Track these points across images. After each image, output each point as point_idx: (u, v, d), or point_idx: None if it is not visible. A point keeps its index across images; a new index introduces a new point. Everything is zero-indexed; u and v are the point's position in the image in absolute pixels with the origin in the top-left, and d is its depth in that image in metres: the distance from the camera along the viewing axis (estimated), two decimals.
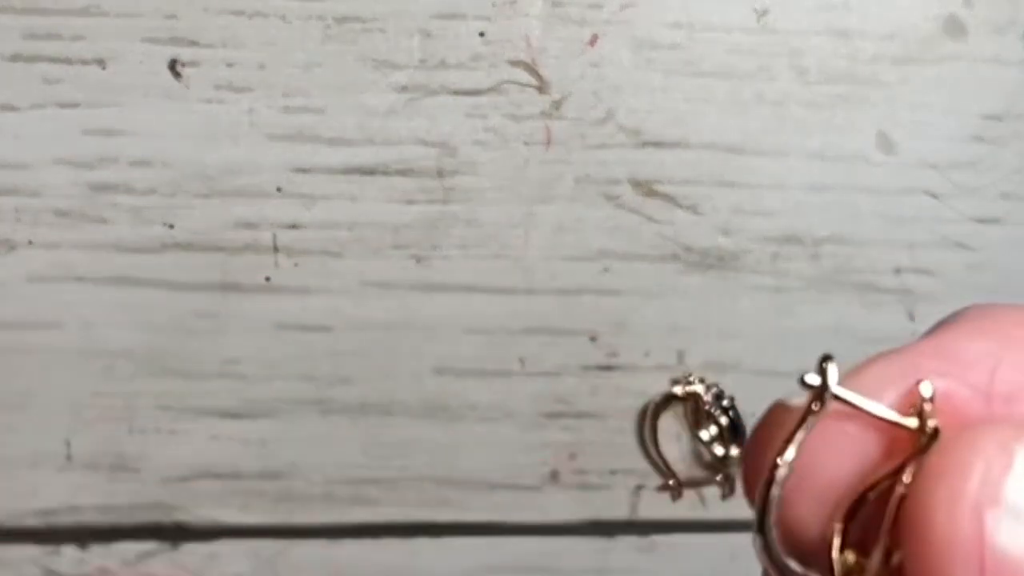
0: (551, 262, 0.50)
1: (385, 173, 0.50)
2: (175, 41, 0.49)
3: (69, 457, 0.50)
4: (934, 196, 0.51)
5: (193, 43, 0.49)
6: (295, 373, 0.50)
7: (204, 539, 0.50)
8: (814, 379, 0.20)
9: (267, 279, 0.50)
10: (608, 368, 0.51)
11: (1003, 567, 0.19)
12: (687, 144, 0.50)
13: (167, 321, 0.50)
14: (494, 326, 0.50)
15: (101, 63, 0.49)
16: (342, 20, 0.49)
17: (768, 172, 0.51)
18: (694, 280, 0.51)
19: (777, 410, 0.21)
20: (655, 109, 0.50)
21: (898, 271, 0.51)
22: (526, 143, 0.50)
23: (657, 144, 0.50)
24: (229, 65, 0.49)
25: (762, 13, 0.50)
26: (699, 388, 0.50)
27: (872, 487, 0.20)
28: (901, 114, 0.51)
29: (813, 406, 0.20)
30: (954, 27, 0.51)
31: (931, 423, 0.20)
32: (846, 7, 0.50)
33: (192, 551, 0.49)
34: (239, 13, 0.49)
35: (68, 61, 0.48)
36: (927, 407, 0.20)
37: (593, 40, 0.50)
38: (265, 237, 0.50)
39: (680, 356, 0.50)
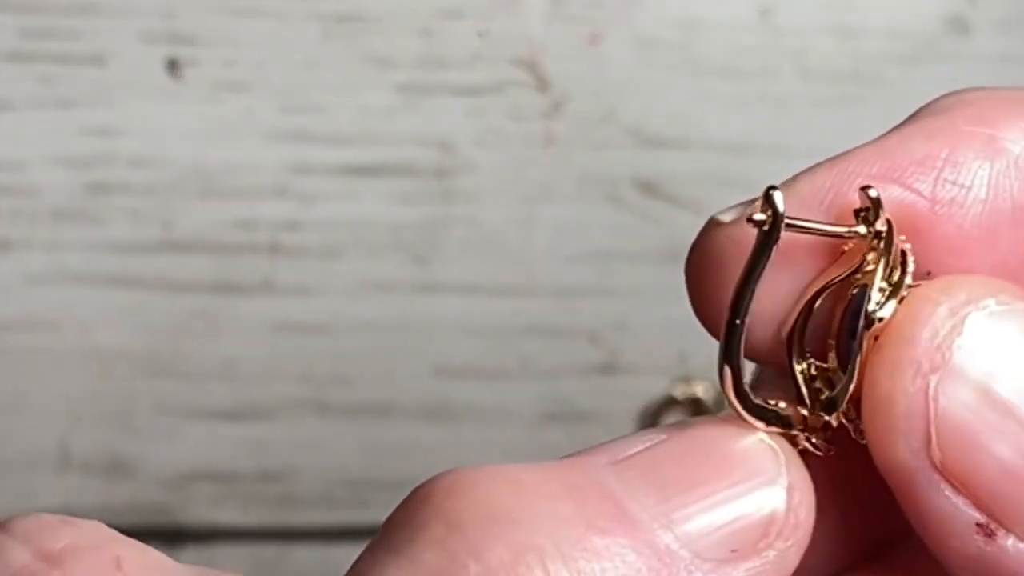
0: (551, 262, 0.50)
1: (385, 173, 0.50)
2: (173, 40, 0.49)
3: (66, 458, 0.50)
4: None
5: (192, 42, 0.49)
6: (294, 374, 0.50)
7: (202, 541, 0.50)
8: (762, 215, 0.20)
9: (266, 280, 0.50)
10: (608, 369, 0.51)
11: (949, 431, 0.19)
12: (689, 144, 0.50)
13: (165, 322, 0.49)
14: (494, 326, 0.50)
15: (99, 62, 0.48)
16: (342, 20, 0.49)
17: (771, 172, 0.50)
18: None
19: (717, 233, 0.21)
20: (656, 108, 0.50)
21: None
22: (526, 143, 0.50)
23: (658, 144, 0.50)
24: (228, 64, 0.49)
25: (765, 12, 0.50)
26: (700, 390, 0.50)
27: (824, 291, 0.20)
28: (905, 113, 0.51)
29: (767, 238, 0.20)
30: (959, 26, 0.51)
31: (880, 224, 0.20)
32: (850, 5, 0.50)
33: (190, 553, 0.49)
34: (238, 12, 0.49)
35: (65, 60, 0.48)
36: (874, 212, 0.20)
37: (594, 39, 0.50)
38: (264, 237, 0.49)
39: (681, 357, 0.50)
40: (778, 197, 0.20)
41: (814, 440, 0.20)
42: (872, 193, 0.20)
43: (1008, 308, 0.19)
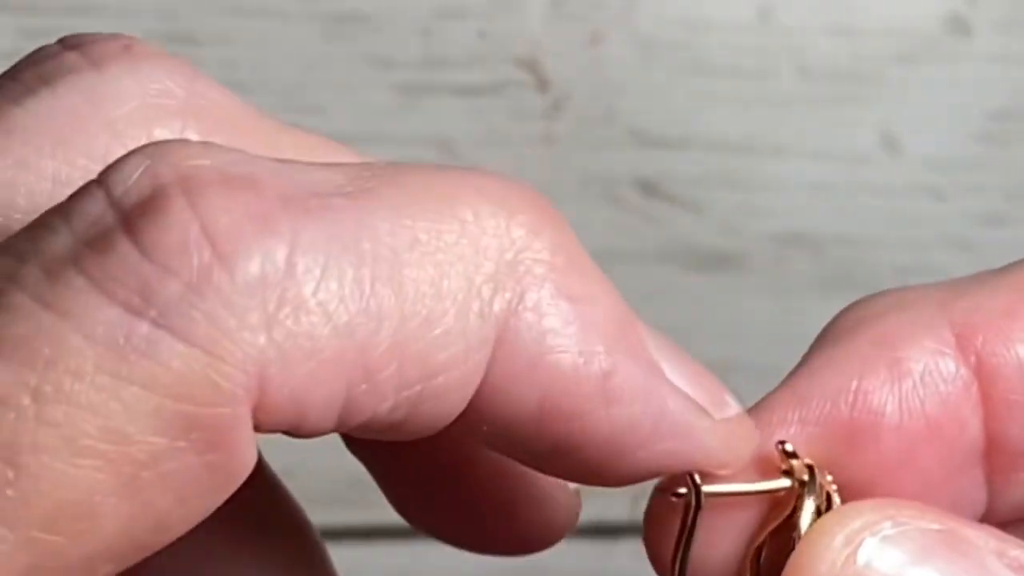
0: None
1: None
2: (173, 40, 0.49)
3: None
4: (938, 196, 0.51)
5: (191, 42, 0.49)
6: None
7: None
8: (684, 490, 0.21)
9: None
10: None
11: None
12: (690, 143, 0.50)
13: None
14: None
15: None
16: (342, 20, 0.49)
17: (771, 172, 0.50)
18: (697, 280, 0.50)
19: (659, 503, 0.22)
20: (657, 108, 0.50)
21: (902, 271, 0.51)
22: (526, 143, 0.50)
23: (659, 143, 0.50)
24: (228, 64, 0.49)
25: (766, 11, 0.50)
26: None
27: (762, 545, 0.21)
28: (905, 113, 0.51)
29: (691, 510, 0.21)
30: (959, 26, 0.51)
31: (802, 473, 0.21)
32: (850, 5, 0.50)
33: None
34: (238, 12, 0.49)
35: None
36: (794, 463, 0.21)
37: (594, 39, 0.50)
38: None
39: None
40: (697, 477, 0.21)
41: None
42: (788, 447, 0.21)
43: (902, 530, 0.20)
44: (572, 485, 0.25)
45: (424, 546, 0.49)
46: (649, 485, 0.22)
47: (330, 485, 0.51)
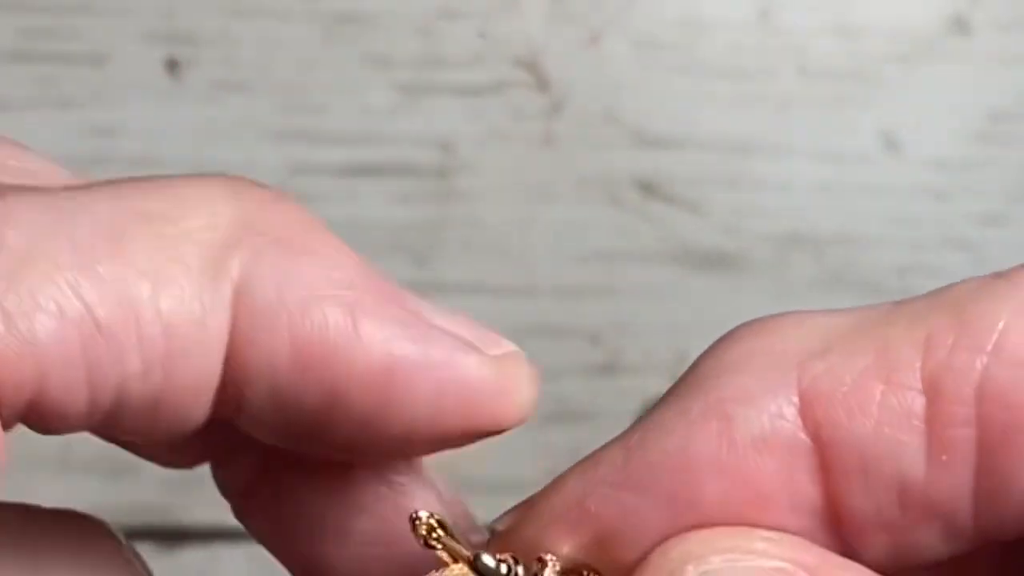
0: (551, 262, 0.50)
1: (385, 173, 0.50)
2: (173, 40, 0.49)
3: (66, 458, 0.49)
4: (939, 196, 0.51)
5: (192, 42, 0.49)
6: None
7: (203, 541, 0.50)
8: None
9: None
10: (608, 369, 0.51)
11: None
12: (689, 144, 0.50)
13: None
14: (494, 326, 0.50)
15: (99, 62, 0.48)
16: (342, 20, 0.49)
17: (771, 172, 0.50)
18: (696, 281, 0.50)
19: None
20: (657, 108, 0.50)
21: (902, 272, 0.51)
22: (526, 143, 0.50)
23: (659, 144, 0.50)
24: (228, 64, 0.49)
25: (765, 12, 0.50)
26: None
27: None
28: (906, 113, 0.51)
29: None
30: (959, 25, 0.51)
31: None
32: (850, 5, 0.50)
33: (191, 553, 0.49)
34: (238, 12, 0.49)
35: (65, 60, 0.48)
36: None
37: (594, 39, 0.50)
38: None
39: (682, 357, 0.50)
40: (487, 559, 0.21)
41: None
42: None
43: (730, 565, 0.19)
44: None
45: None
46: None
47: None
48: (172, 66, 0.49)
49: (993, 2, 0.51)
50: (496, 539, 0.22)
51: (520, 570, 0.21)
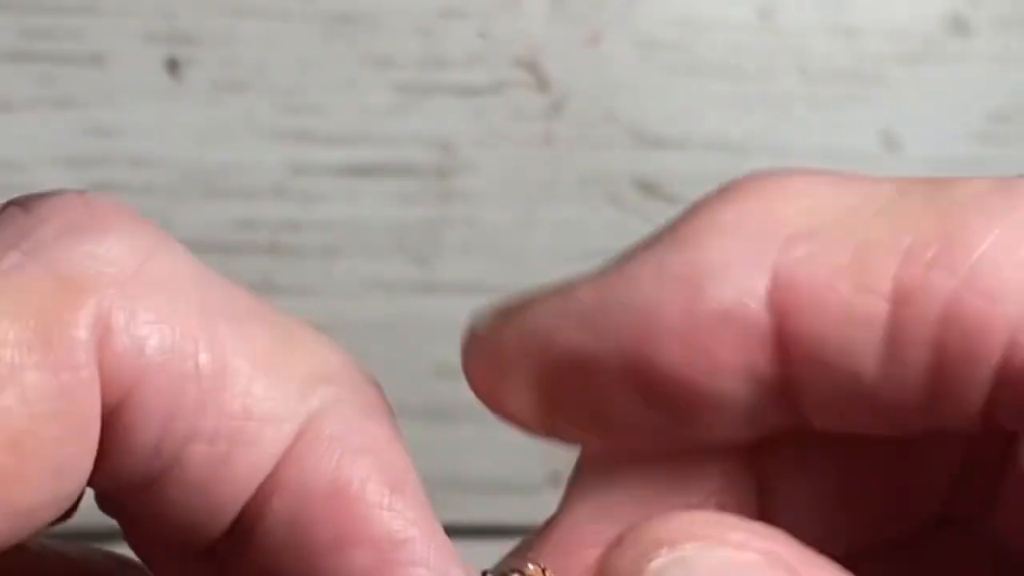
0: (551, 262, 0.50)
1: (385, 173, 0.50)
2: (173, 40, 0.49)
3: None
4: None
5: (192, 42, 0.49)
6: None
7: None
8: None
9: (266, 280, 0.49)
10: None
11: None
12: (689, 144, 0.50)
13: None
14: None
15: (99, 62, 0.48)
16: (342, 20, 0.49)
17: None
18: None
19: (476, 347, 0.23)
20: (657, 108, 0.50)
21: None
22: (526, 143, 0.50)
23: (659, 144, 0.50)
24: (228, 64, 0.49)
25: (765, 12, 0.50)
26: None
27: None
28: (906, 113, 0.51)
29: None
30: (959, 25, 0.51)
31: None
32: (850, 5, 0.50)
33: None
34: (238, 12, 0.49)
35: (65, 60, 0.48)
36: None
37: (594, 39, 0.50)
38: (264, 237, 0.49)
39: None
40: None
41: None
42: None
43: (704, 554, 0.19)
44: None
45: None
46: None
47: None
48: (172, 66, 0.49)
49: (993, 2, 0.51)
50: (471, 341, 0.23)
51: None
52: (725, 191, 0.22)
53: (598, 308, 0.21)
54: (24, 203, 0.20)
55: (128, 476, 0.20)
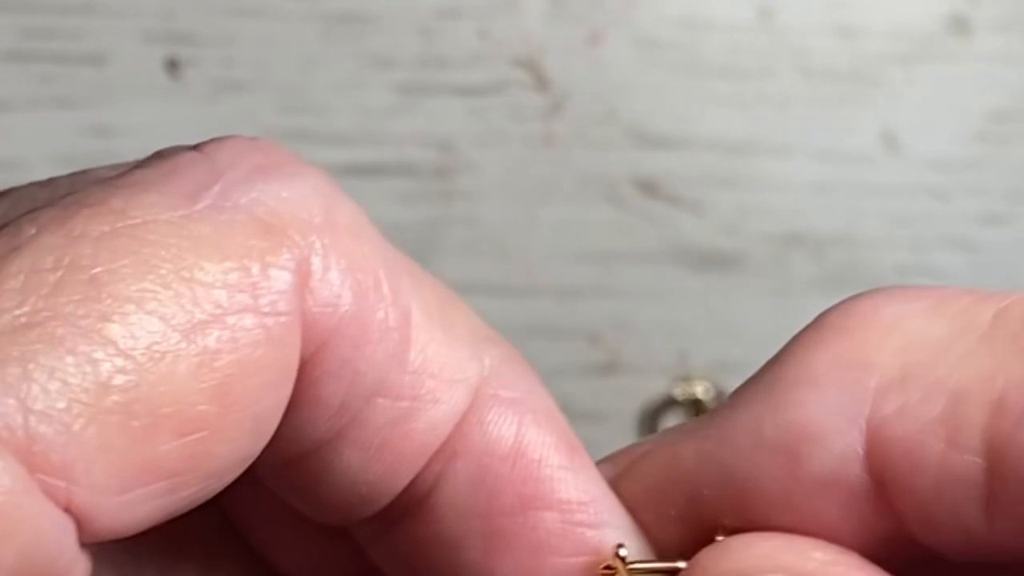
0: (551, 262, 0.50)
1: (385, 173, 0.50)
2: (173, 40, 0.49)
3: None
4: (939, 196, 0.51)
5: (192, 42, 0.49)
6: None
7: None
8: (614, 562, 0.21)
9: None
10: (608, 369, 0.51)
11: None
12: (689, 143, 0.50)
13: None
14: (494, 326, 0.50)
15: (99, 62, 0.48)
16: (342, 20, 0.49)
17: (771, 172, 0.50)
18: (696, 281, 0.50)
19: None
20: (657, 108, 0.50)
21: (902, 271, 0.51)
22: (526, 143, 0.50)
23: (659, 144, 0.50)
24: (228, 64, 0.49)
25: (765, 12, 0.50)
26: (700, 390, 0.50)
27: None
28: (906, 113, 0.51)
29: None
30: (959, 25, 0.51)
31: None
32: (850, 5, 0.50)
33: None
34: (238, 12, 0.49)
35: (65, 60, 0.48)
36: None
37: (594, 39, 0.50)
38: None
39: (682, 357, 0.50)
40: (623, 551, 0.21)
41: None
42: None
43: None
44: None
45: None
46: None
47: None
48: (172, 66, 0.49)
49: (993, 2, 0.51)
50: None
51: None
52: (818, 328, 0.21)
53: (701, 475, 0.21)
54: (199, 147, 0.20)
55: (307, 436, 0.19)
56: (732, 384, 0.23)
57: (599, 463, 0.22)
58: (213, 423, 0.17)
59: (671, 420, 0.51)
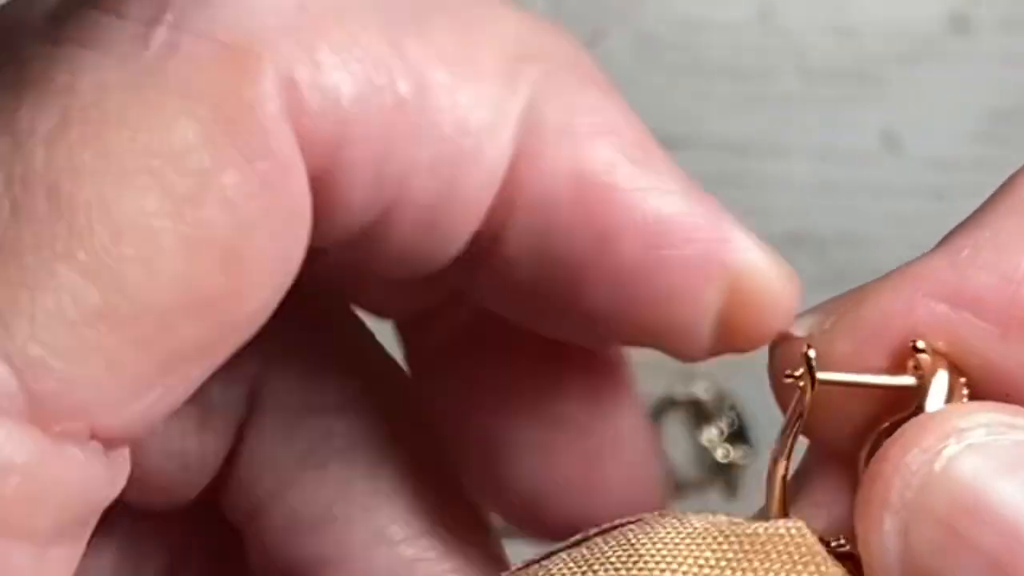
0: None
1: None
2: None
3: None
4: (940, 195, 0.51)
5: None
6: None
7: None
8: (797, 374, 0.20)
9: None
10: None
11: (915, 571, 0.18)
12: (690, 143, 0.50)
13: None
14: None
15: None
16: None
17: (773, 172, 0.50)
18: None
19: (786, 348, 0.20)
20: (658, 108, 0.50)
21: None
22: None
23: (660, 144, 0.50)
24: None
25: (765, 12, 0.50)
26: (700, 390, 0.50)
27: (882, 435, 0.20)
28: (906, 113, 0.51)
29: (804, 396, 0.20)
30: (960, 25, 0.51)
31: (934, 372, 0.20)
32: (850, 5, 0.50)
33: None
34: None
35: None
36: (924, 358, 0.20)
37: (595, 38, 0.50)
38: None
39: None
40: (813, 358, 0.19)
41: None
42: (919, 344, 0.20)
43: (995, 439, 0.18)
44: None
45: None
46: None
47: None
48: None
49: (993, 2, 0.51)
50: (791, 343, 0.20)
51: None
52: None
53: (963, 281, 0.20)
54: None
55: (345, 233, 0.18)
56: (732, 384, 0.23)
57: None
58: (228, 292, 0.16)
59: (671, 420, 0.51)
